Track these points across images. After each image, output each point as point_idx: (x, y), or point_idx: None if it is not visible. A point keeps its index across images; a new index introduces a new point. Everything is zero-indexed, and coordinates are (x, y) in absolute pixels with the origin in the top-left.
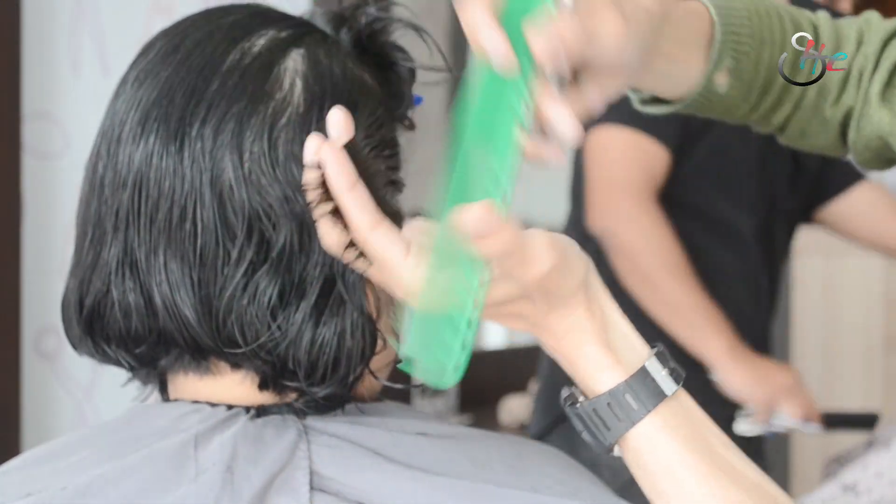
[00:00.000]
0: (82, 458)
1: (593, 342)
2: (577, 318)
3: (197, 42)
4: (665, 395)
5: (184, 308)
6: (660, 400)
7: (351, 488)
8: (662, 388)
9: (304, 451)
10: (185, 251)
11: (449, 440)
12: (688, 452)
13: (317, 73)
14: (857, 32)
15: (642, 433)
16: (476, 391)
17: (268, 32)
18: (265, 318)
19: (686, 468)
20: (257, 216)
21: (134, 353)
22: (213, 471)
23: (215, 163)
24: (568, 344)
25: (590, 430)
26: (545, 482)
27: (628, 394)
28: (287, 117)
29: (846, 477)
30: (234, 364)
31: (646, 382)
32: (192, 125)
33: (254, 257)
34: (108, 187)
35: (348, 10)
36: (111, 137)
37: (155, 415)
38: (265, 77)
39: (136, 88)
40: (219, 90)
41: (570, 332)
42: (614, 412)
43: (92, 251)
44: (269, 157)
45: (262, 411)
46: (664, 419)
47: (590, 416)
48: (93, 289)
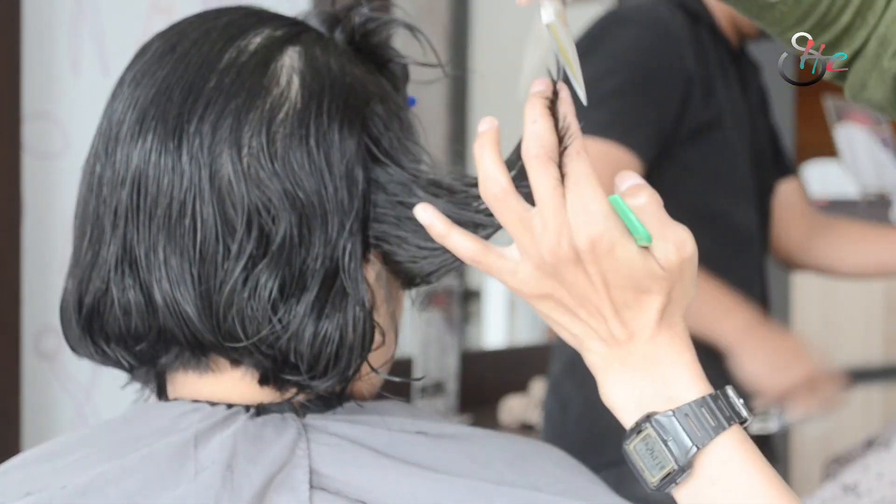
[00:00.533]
0: (82, 457)
1: (691, 352)
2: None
3: (193, 41)
4: (744, 419)
5: (184, 304)
6: (739, 420)
7: (351, 486)
8: (741, 412)
9: (304, 449)
10: (184, 247)
11: (449, 439)
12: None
13: (314, 70)
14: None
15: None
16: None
17: (264, 31)
18: (266, 311)
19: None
20: (256, 210)
21: (133, 351)
22: (213, 469)
23: (214, 158)
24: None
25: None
26: (545, 480)
27: (715, 407)
28: (285, 112)
29: (847, 478)
30: (234, 360)
31: (729, 402)
32: (189, 122)
33: (254, 251)
34: (107, 186)
35: (342, 11)
36: (109, 137)
37: (154, 414)
38: (262, 74)
39: (134, 88)
40: (216, 87)
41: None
42: (703, 420)
43: (91, 250)
44: (267, 151)
45: (261, 410)
46: (742, 437)
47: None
48: (92, 288)
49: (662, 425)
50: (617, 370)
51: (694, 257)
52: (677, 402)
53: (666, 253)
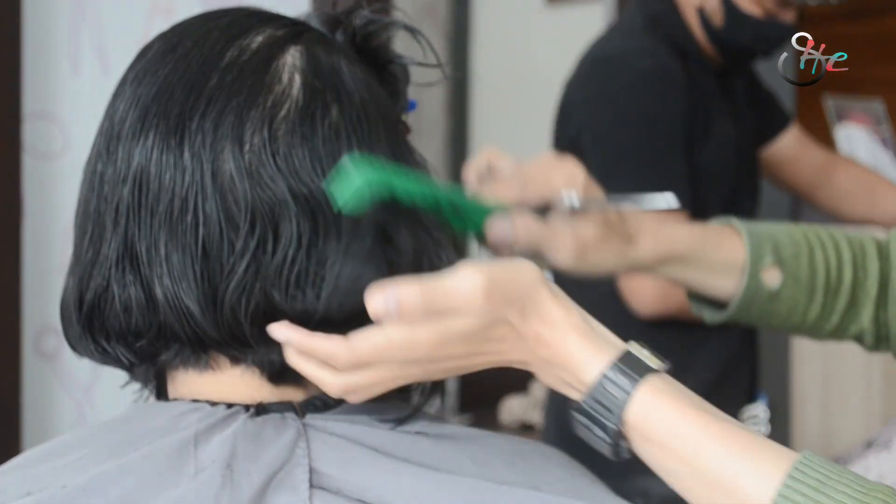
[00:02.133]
0: (82, 456)
1: (575, 333)
2: (555, 315)
3: (195, 41)
4: (652, 369)
5: (187, 300)
6: (648, 371)
7: (351, 485)
8: (649, 364)
9: (304, 448)
10: (186, 243)
11: (449, 439)
12: (688, 408)
13: (316, 69)
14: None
15: (640, 406)
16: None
17: (265, 30)
18: (274, 307)
19: (689, 424)
20: (260, 207)
21: (134, 348)
22: (213, 469)
23: (216, 155)
24: (554, 343)
25: (596, 422)
26: (545, 480)
27: (617, 372)
28: (286, 110)
29: None
30: (234, 358)
31: (631, 360)
32: (191, 119)
33: (259, 247)
34: (108, 184)
35: (343, 13)
36: (110, 136)
37: (154, 413)
38: (264, 71)
39: (135, 87)
40: (218, 85)
41: (553, 330)
42: (610, 392)
43: (91, 248)
44: (269, 148)
45: (261, 409)
46: (657, 387)
47: (592, 406)
48: (93, 285)
49: (582, 411)
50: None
51: (484, 279)
52: (585, 383)
53: (464, 297)
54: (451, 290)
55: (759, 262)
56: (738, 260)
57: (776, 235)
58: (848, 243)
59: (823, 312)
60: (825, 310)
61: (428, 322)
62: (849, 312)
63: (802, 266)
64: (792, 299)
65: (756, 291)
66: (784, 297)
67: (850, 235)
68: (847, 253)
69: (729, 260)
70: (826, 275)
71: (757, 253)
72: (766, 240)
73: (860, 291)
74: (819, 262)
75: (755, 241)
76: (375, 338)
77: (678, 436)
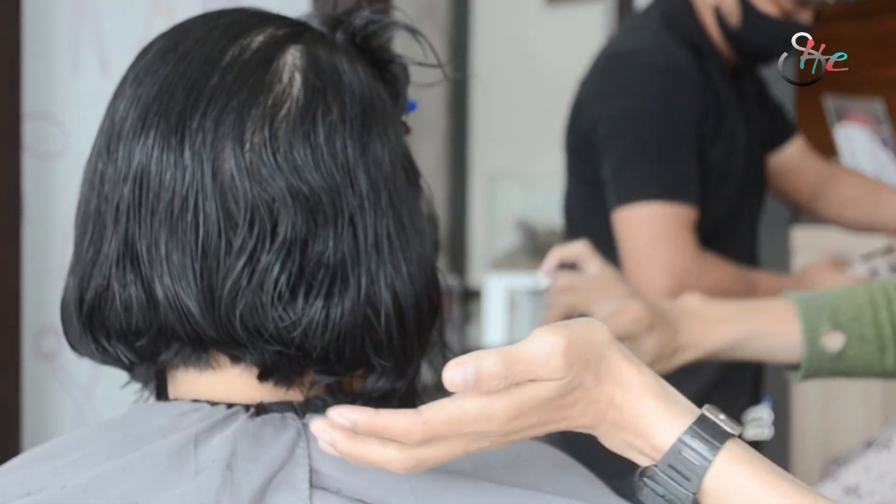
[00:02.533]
0: (82, 456)
1: (649, 396)
2: (628, 377)
3: (196, 40)
4: (731, 434)
5: (186, 299)
6: (726, 438)
7: (351, 485)
8: (725, 429)
9: (304, 448)
10: (186, 242)
11: None
12: (767, 475)
13: (317, 69)
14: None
15: (719, 473)
16: None
17: (266, 30)
18: (269, 305)
19: (768, 492)
20: (259, 206)
21: (134, 347)
22: (213, 469)
23: (216, 154)
24: (628, 406)
25: (671, 490)
26: (545, 480)
27: (696, 438)
28: (287, 109)
29: (847, 479)
30: (234, 357)
31: (708, 425)
32: (192, 118)
33: (257, 246)
34: (109, 183)
35: (343, 14)
36: (111, 135)
37: (154, 414)
38: (264, 71)
39: (136, 86)
40: (218, 84)
41: (626, 393)
42: (688, 459)
43: (92, 247)
44: (269, 147)
45: (261, 409)
46: (736, 454)
47: (667, 473)
48: (93, 284)
49: (654, 479)
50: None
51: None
52: (659, 449)
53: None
54: (532, 356)
55: (816, 331)
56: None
57: (834, 302)
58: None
59: (800, 37)
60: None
61: (506, 393)
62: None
63: (867, 326)
64: (862, 357)
65: (819, 358)
66: (852, 356)
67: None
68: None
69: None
70: (892, 327)
71: (812, 323)
72: (822, 307)
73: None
74: (884, 319)
75: (809, 310)
76: (450, 410)
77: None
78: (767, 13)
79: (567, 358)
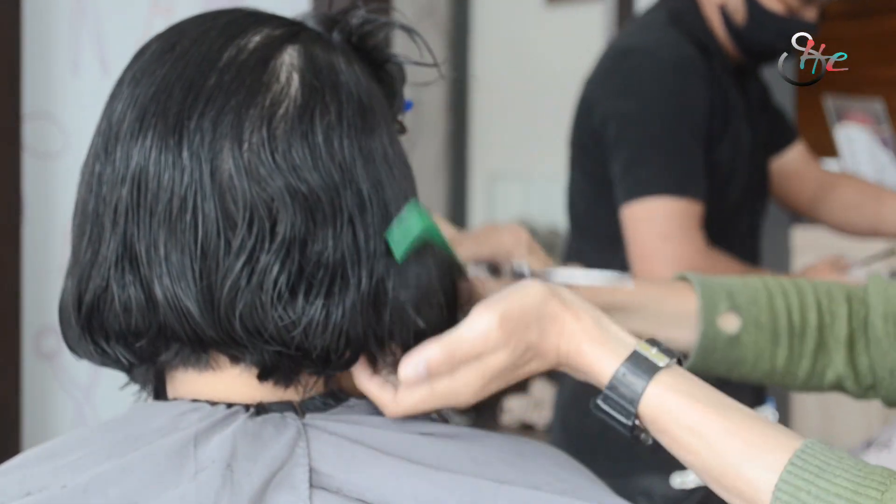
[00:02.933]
0: (82, 456)
1: (587, 340)
2: (567, 326)
3: (193, 40)
4: (659, 367)
5: (185, 299)
6: (655, 370)
7: (351, 485)
8: (655, 363)
9: (304, 448)
10: (185, 243)
11: (449, 438)
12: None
13: (314, 68)
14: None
15: (651, 401)
16: None
17: (262, 30)
18: (269, 305)
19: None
20: (258, 205)
21: (133, 348)
22: (213, 468)
23: (215, 154)
24: (571, 352)
25: (614, 418)
26: (545, 479)
27: (628, 373)
28: (285, 108)
29: None
30: (233, 357)
31: (640, 361)
32: (190, 118)
33: (256, 246)
34: (107, 185)
35: (339, 14)
36: (108, 136)
37: (154, 413)
38: (262, 71)
39: (133, 87)
40: (216, 84)
41: (568, 340)
42: (622, 392)
43: (90, 249)
44: (268, 147)
45: (261, 409)
46: (666, 384)
47: (610, 404)
48: (92, 286)
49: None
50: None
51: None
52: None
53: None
54: (470, 337)
55: (714, 308)
56: (691, 310)
57: (731, 285)
58: (812, 289)
59: (792, 356)
60: (793, 353)
61: (465, 370)
62: (819, 356)
63: (762, 311)
64: (755, 344)
65: (715, 338)
66: (746, 342)
67: (815, 282)
68: (811, 297)
69: (680, 310)
70: (788, 318)
71: (710, 300)
72: (719, 288)
73: (828, 334)
74: (780, 307)
75: (708, 289)
76: (421, 393)
77: (686, 428)
78: (773, 11)
79: (504, 329)
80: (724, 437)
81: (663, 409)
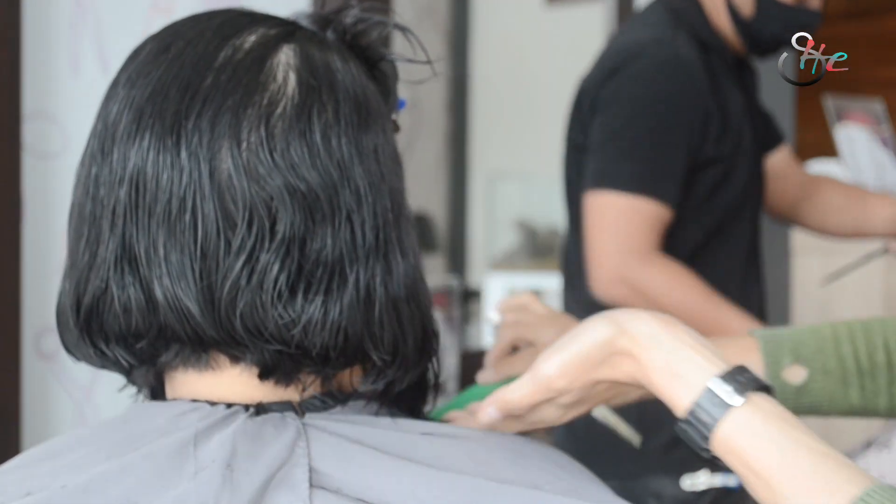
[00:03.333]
0: (82, 456)
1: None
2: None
3: (188, 41)
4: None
5: (186, 300)
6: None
7: (351, 484)
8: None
9: (304, 448)
10: (185, 243)
11: (449, 438)
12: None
13: (311, 67)
14: None
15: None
16: None
17: (258, 30)
18: (269, 304)
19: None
20: (257, 204)
21: (133, 349)
22: (213, 468)
23: (213, 154)
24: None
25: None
26: (545, 479)
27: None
28: (282, 107)
29: None
30: (234, 357)
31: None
32: (187, 119)
33: (256, 245)
34: (104, 186)
35: (332, 13)
36: (104, 138)
37: (154, 413)
38: (258, 70)
39: (129, 89)
40: (213, 84)
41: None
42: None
43: (88, 251)
44: (266, 146)
45: (261, 409)
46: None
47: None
48: (90, 287)
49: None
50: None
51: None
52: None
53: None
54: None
55: (778, 363)
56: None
57: (797, 336)
58: (881, 328)
59: (865, 394)
60: (865, 392)
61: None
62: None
63: (829, 358)
64: (823, 390)
65: (782, 391)
66: (814, 389)
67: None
68: (878, 338)
69: None
70: (856, 361)
71: (773, 357)
72: (784, 342)
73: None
74: (846, 352)
75: (771, 344)
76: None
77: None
78: (782, 1)
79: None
80: (787, 482)
81: (727, 450)
